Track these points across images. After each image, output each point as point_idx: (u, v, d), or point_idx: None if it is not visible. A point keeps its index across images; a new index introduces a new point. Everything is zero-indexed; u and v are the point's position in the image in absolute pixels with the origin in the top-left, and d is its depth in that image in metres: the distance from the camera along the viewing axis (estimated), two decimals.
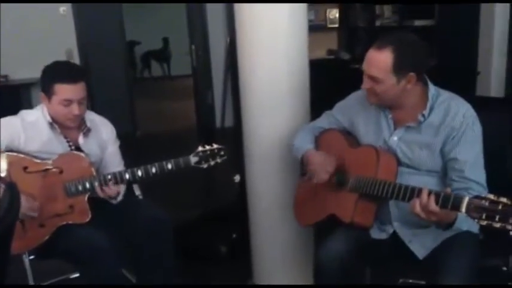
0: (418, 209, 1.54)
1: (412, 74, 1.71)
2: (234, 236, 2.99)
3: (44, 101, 2.08)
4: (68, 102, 2.02)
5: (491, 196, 1.39)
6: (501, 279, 1.82)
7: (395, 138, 1.82)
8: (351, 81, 2.04)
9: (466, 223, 1.64)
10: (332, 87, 3.27)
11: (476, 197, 1.43)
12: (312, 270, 2.34)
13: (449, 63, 4.26)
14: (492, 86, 4.34)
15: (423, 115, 1.76)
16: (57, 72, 2.05)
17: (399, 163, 1.80)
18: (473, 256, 1.71)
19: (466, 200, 1.44)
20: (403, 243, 1.80)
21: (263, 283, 2.55)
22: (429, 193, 1.52)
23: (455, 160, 1.71)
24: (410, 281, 2.34)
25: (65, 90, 2.02)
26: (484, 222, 1.39)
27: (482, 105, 1.84)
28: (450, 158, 1.73)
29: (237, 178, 2.89)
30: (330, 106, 2.12)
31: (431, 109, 1.76)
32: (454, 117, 1.73)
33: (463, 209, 1.44)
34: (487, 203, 1.39)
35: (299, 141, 2.08)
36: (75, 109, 2.04)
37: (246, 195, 2.54)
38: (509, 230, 1.35)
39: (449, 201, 1.48)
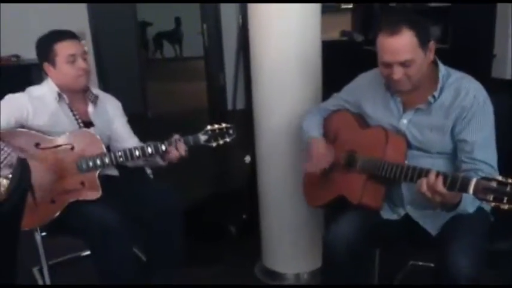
0: (424, 188, 1.52)
1: (432, 41, 1.70)
2: (244, 216, 3.00)
3: (49, 71, 2.11)
4: (73, 58, 2.07)
5: (499, 177, 1.37)
6: (510, 262, 1.81)
7: (404, 121, 1.80)
8: (364, 63, 2.01)
9: (472, 205, 1.63)
10: (345, 68, 3.23)
11: (484, 178, 1.41)
12: (321, 253, 2.36)
13: (465, 45, 4.21)
14: (508, 68, 4.28)
15: (434, 96, 1.73)
16: (52, 36, 2.09)
17: (409, 145, 1.79)
18: (482, 231, 1.69)
19: (473, 181, 1.42)
20: (414, 224, 1.79)
21: (272, 264, 2.56)
22: (437, 174, 1.50)
23: (465, 142, 1.69)
24: (420, 263, 2.35)
25: (66, 46, 2.07)
26: (492, 204, 1.37)
27: (497, 88, 1.82)
28: (460, 139, 1.71)
29: (247, 159, 2.89)
30: (342, 88, 2.09)
31: (441, 90, 1.74)
32: (464, 97, 1.70)
33: (471, 191, 1.42)
34: (495, 184, 1.37)
35: (307, 124, 2.08)
36: (81, 63, 2.09)
37: (256, 176, 2.54)
38: None
39: (457, 183, 1.46)
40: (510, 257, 1.79)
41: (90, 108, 2.19)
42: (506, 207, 1.35)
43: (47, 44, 2.08)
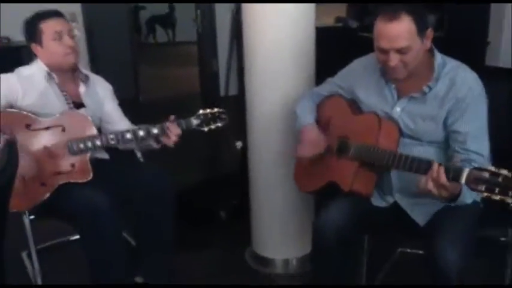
0: (431, 185, 1.50)
1: (430, 29, 1.68)
2: (235, 202, 3.01)
3: (37, 51, 2.10)
4: (59, 35, 2.06)
5: (492, 168, 1.38)
6: (499, 249, 1.82)
7: (398, 109, 1.79)
8: (359, 50, 1.99)
9: (470, 196, 1.63)
10: (340, 55, 3.22)
11: (477, 168, 1.42)
12: (310, 240, 2.36)
13: (460, 32, 4.21)
14: (501, 56, 4.29)
15: (429, 86, 1.72)
16: (37, 15, 2.09)
17: (401, 133, 1.78)
18: (472, 222, 1.70)
19: (466, 171, 1.43)
20: (403, 213, 1.79)
21: (261, 249, 2.57)
22: (439, 164, 1.50)
23: (458, 132, 1.69)
24: (409, 250, 2.36)
25: (51, 24, 2.06)
26: (484, 194, 1.38)
27: (491, 75, 1.81)
28: (453, 130, 1.70)
29: (239, 144, 2.89)
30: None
31: (437, 79, 1.72)
32: (459, 88, 1.69)
33: (463, 180, 1.43)
34: (487, 175, 1.38)
35: (300, 109, 2.06)
36: (68, 40, 2.07)
37: (247, 161, 2.53)
38: (509, 203, 1.34)
39: (449, 172, 1.47)
40: (498, 244, 1.80)
41: (82, 88, 2.17)
42: (497, 198, 1.36)
43: (32, 23, 2.07)
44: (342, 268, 1.82)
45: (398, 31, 1.63)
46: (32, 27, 2.07)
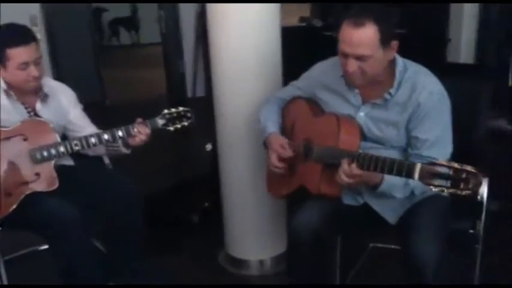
0: (345, 179, 1.63)
1: (395, 41, 1.66)
2: (206, 204, 3.00)
3: None
4: (25, 65, 1.97)
5: (444, 162, 1.41)
6: (468, 241, 1.87)
7: (361, 113, 1.80)
8: (324, 49, 2.01)
9: (402, 191, 1.69)
10: (305, 54, 3.25)
11: (428, 163, 1.45)
12: (284, 239, 2.37)
13: (421, 30, 4.30)
14: (462, 52, 4.41)
15: (390, 93, 1.72)
16: (6, 37, 1.97)
17: (365, 138, 1.79)
18: (443, 215, 1.73)
19: (418, 166, 1.46)
20: (375, 211, 1.81)
21: (235, 251, 2.57)
22: (349, 163, 1.62)
23: (416, 138, 1.71)
24: (380, 245, 2.40)
25: (19, 53, 1.95)
26: (437, 189, 1.41)
27: (452, 72, 1.84)
28: (412, 135, 1.73)
29: (208, 147, 2.88)
30: (301, 74, 2.07)
31: (398, 86, 1.72)
32: (420, 94, 1.69)
33: (416, 176, 1.46)
34: (439, 169, 1.40)
35: (264, 117, 2.05)
36: (33, 71, 1.99)
37: (218, 163, 2.52)
38: (462, 196, 1.37)
39: (403, 169, 1.50)
40: (467, 237, 1.85)
41: (38, 105, 2.11)
42: (451, 191, 1.38)
43: (0, 45, 1.95)
44: (317, 267, 1.83)
45: (361, 38, 1.61)
46: None
